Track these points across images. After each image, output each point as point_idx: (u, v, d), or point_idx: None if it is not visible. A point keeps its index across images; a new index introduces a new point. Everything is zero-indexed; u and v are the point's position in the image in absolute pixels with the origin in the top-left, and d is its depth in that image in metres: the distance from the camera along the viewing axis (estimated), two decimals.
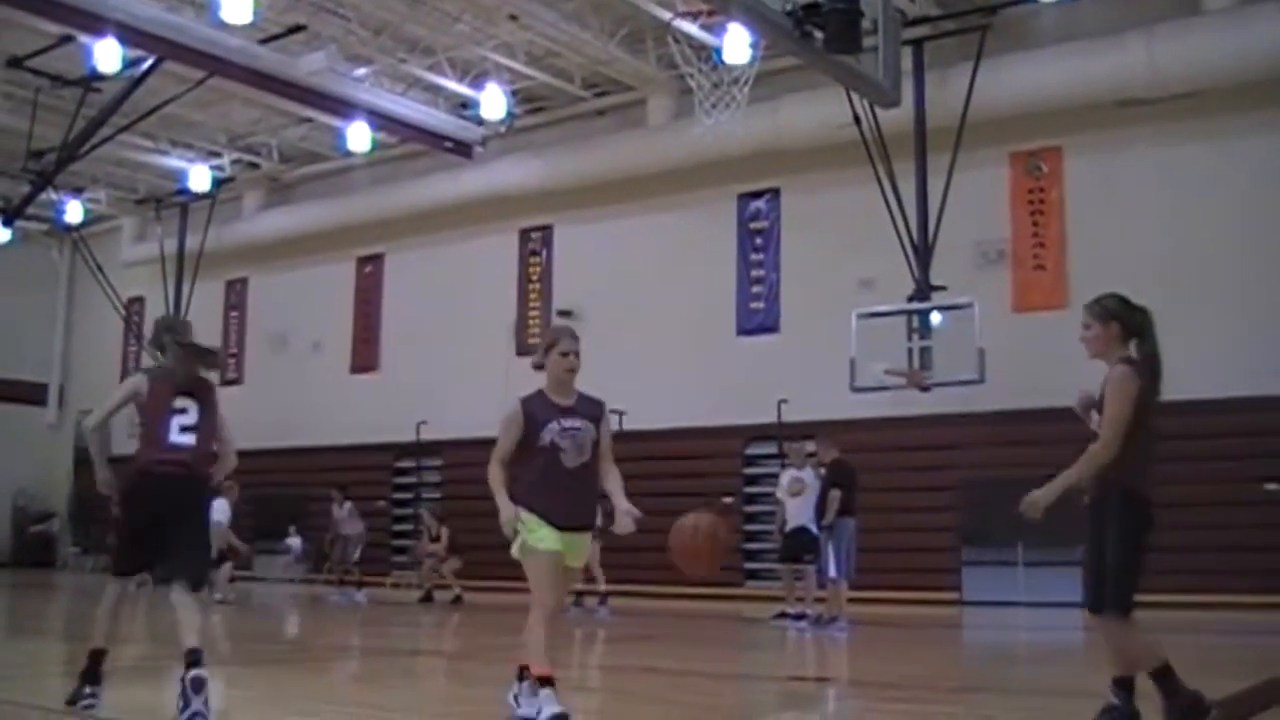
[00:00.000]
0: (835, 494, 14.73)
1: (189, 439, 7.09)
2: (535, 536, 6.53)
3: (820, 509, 14.95)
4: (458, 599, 19.92)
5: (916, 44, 18.61)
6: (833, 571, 14.79)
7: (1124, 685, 6.16)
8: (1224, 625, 15.06)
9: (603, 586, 17.97)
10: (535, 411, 6.71)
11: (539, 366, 6.91)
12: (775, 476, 18.39)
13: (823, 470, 15.59)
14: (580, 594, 18.18)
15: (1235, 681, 7.79)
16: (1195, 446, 17.32)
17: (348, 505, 21.74)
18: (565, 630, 6.69)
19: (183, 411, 7.12)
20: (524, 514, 6.52)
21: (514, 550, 6.63)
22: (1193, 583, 16.61)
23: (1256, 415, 17.15)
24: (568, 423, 6.72)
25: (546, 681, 6.38)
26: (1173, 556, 16.76)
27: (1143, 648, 6.14)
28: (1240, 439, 17.09)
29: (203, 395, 7.26)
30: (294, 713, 7.71)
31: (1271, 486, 17.13)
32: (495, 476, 6.62)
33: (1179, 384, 18.52)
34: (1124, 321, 6.29)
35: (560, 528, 6.56)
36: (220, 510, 18.59)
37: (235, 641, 13.89)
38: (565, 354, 6.94)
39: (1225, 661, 6.79)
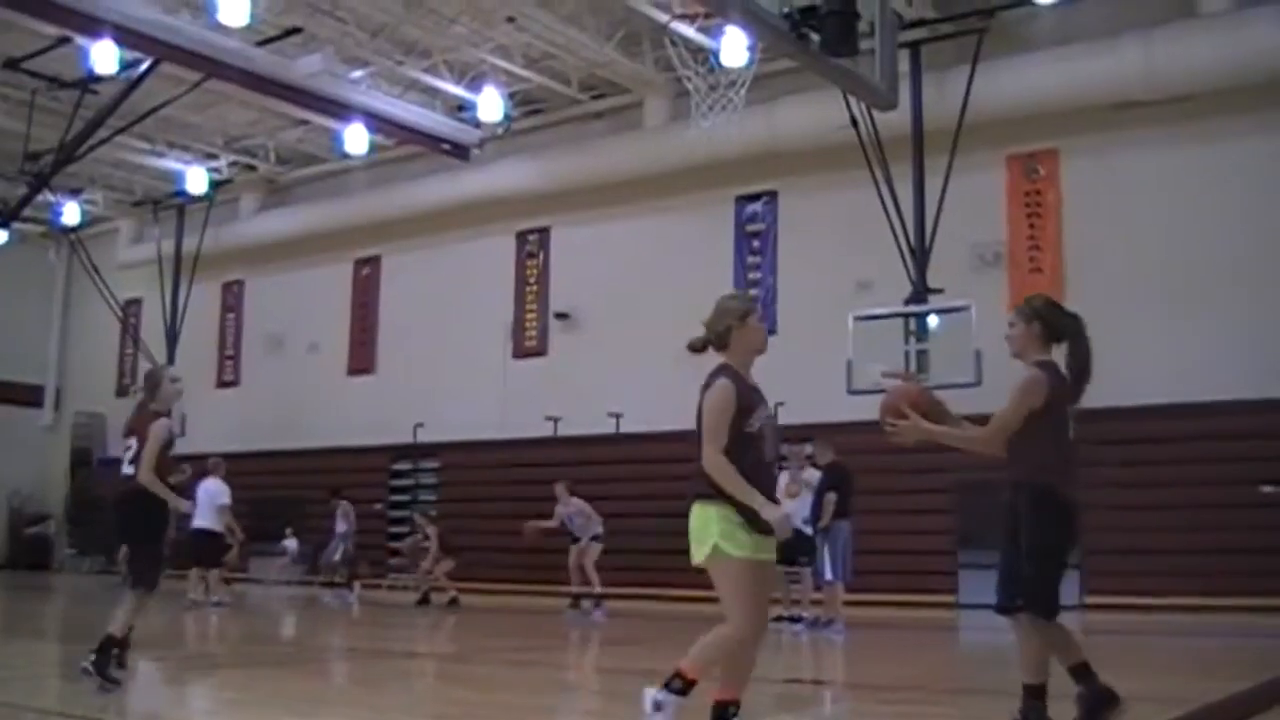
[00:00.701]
0: (831, 497, 14.76)
1: (130, 469, 8.66)
2: (734, 543, 5.61)
3: (816, 511, 14.96)
4: (453, 601, 19.89)
5: (913, 46, 18.60)
6: (828, 574, 14.79)
7: (1081, 675, 6.11)
8: (1221, 628, 15.05)
9: (597, 589, 17.99)
10: (744, 391, 5.74)
11: (707, 346, 5.90)
12: None
13: (812, 471, 15.61)
14: (576, 597, 18.19)
15: (1233, 683, 7.80)
16: (1192, 449, 17.34)
17: (341, 505, 21.81)
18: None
19: (128, 448, 8.78)
20: (722, 511, 5.61)
21: (701, 558, 5.73)
22: (1190, 585, 16.63)
23: (1253, 418, 17.14)
24: (766, 409, 5.87)
25: (688, 688, 5.66)
26: (1170, 559, 16.86)
27: (1042, 654, 6.12)
28: (1237, 441, 17.06)
29: (139, 432, 8.74)
30: (290, 714, 7.70)
31: (1268, 489, 17.10)
32: (727, 468, 5.55)
33: (1175, 387, 18.61)
34: (1046, 322, 6.25)
35: (763, 532, 5.65)
36: (221, 493, 18.52)
37: (231, 644, 13.89)
38: (764, 320, 6.04)
39: (1223, 663, 6.78)
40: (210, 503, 18.21)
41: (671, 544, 21.71)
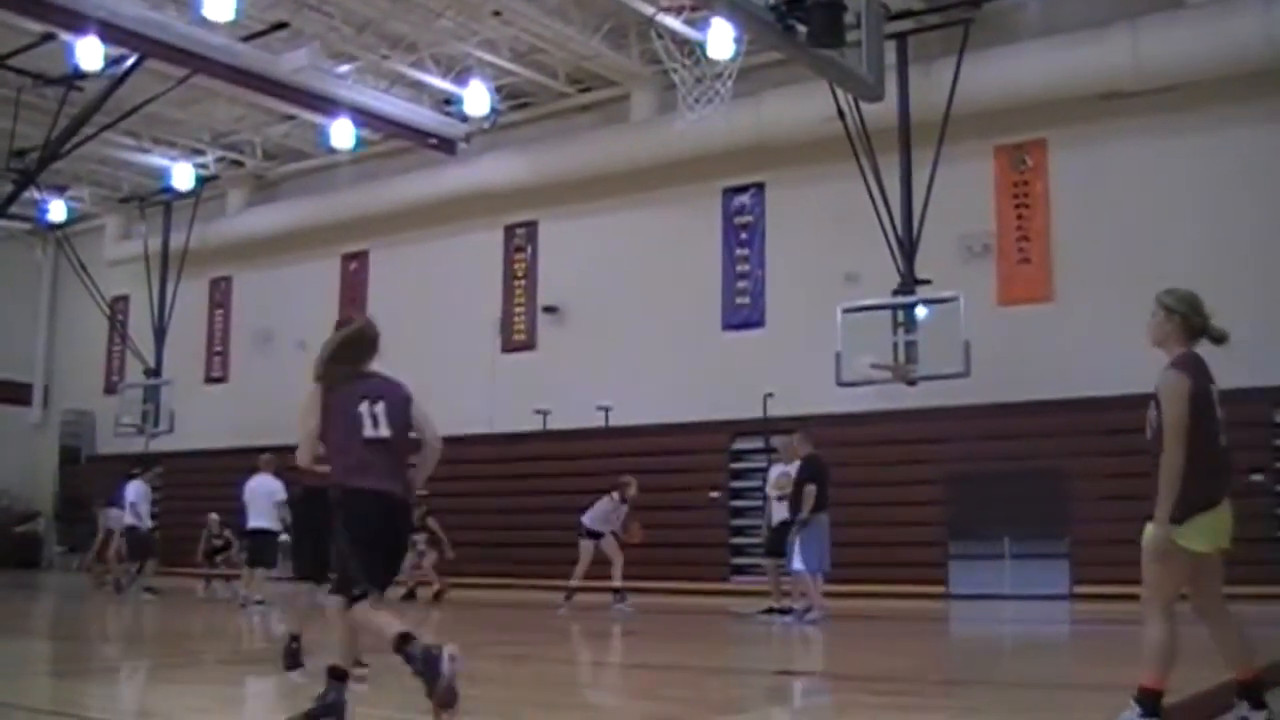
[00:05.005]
0: (810, 489, 14.69)
1: None
2: None
3: (795, 503, 14.94)
4: (439, 595, 19.87)
5: (900, 38, 18.61)
6: (797, 564, 14.76)
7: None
8: None
9: (618, 583, 17.74)
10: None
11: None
12: (761, 471, 18.36)
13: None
14: (569, 591, 18.12)
15: (1221, 672, 7.81)
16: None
17: None
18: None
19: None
20: None
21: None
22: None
23: (1241, 407, 17.00)
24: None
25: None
26: None
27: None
28: (1226, 431, 17.06)
29: None
30: (283, 710, 7.68)
31: (1256, 477, 17.16)
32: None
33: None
34: None
35: None
36: (279, 489, 17.52)
37: (225, 640, 13.88)
38: None
39: (1212, 652, 6.81)
40: (269, 500, 17.43)
41: (659, 537, 21.66)
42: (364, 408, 6.75)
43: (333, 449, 6.71)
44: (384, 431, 6.70)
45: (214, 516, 22.02)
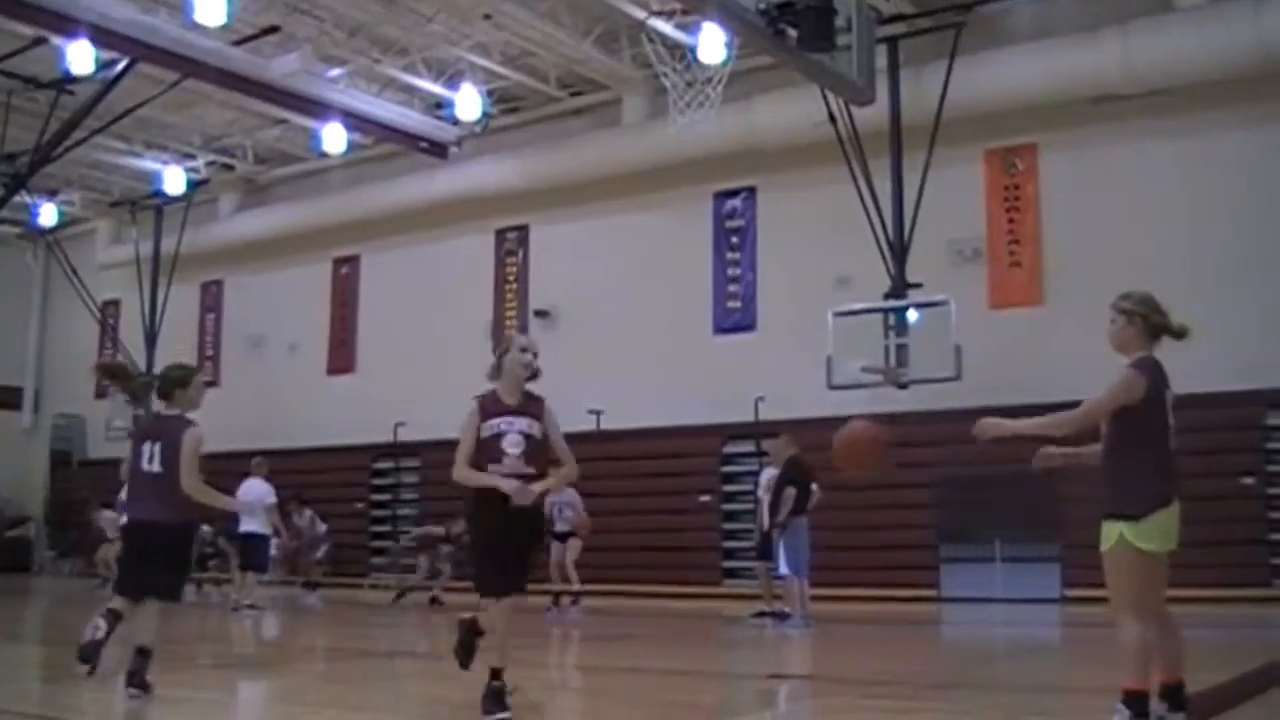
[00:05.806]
0: (790, 492, 14.69)
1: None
2: None
3: (774, 507, 14.94)
4: (434, 600, 19.85)
5: (891, 41, 18.65)
6: (784, 569, 14.78)
7: None
8: (1202, 620, 15.10)
9: (576, 586, 17.95)
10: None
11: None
12: (753, 475, 18.37)
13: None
14: (556, 595, 18.16)
15: (1214, 676, 7.83)
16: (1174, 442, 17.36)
17: (307, 513, 21.83)
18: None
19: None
20: None
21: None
22: (1171, 577, 16.64)
23: (1234, 410, 17.21)
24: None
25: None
26: None
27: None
28: (1217, 434, 17.05)
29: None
30: (272, 714, 7.67)
31: (1248, 480, 17.18)
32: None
33: None
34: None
35: None
36: (268, 493, 17.78)
37: (216, 644, 13.85)
38: None
39: (1204, 656, 6.82)
40: (260, 504, 17.48)
41: (651, 541, 21.67)
42: (146, 446, 7.99)
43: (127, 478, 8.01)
44: (155, 467, 7.90)
45: (206, 528, 21.93)
